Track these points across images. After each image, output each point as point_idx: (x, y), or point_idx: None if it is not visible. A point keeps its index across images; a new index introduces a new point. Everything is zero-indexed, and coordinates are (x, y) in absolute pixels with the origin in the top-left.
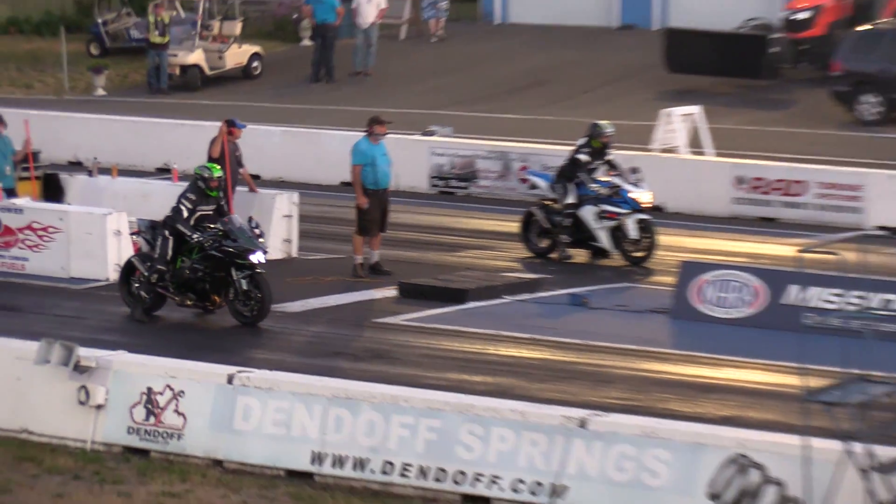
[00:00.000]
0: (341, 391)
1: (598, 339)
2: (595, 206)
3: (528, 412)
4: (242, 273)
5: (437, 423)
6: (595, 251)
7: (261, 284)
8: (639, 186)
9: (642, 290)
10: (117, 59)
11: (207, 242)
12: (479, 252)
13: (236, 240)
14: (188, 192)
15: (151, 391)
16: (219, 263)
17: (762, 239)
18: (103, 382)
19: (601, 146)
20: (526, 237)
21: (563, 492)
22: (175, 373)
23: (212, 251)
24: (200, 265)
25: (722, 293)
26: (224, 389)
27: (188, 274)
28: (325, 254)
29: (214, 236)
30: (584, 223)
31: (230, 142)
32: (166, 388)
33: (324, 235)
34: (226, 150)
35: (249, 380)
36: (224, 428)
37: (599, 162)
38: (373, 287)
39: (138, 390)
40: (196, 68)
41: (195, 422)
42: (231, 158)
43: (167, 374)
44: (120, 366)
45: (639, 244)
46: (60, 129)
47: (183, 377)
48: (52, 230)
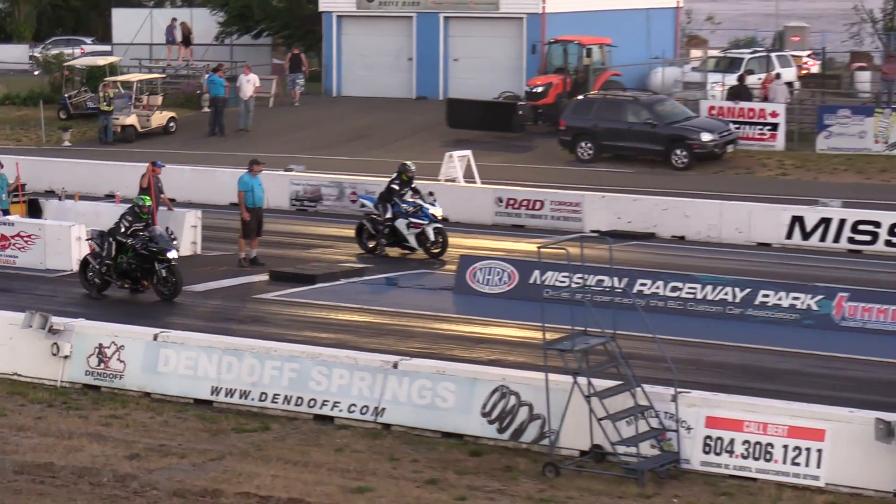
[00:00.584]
0: (231, 344)
1: (406, 307)
2: (405, 219)
3: (359, 358)
4: (162, 265)
5: (297, 366)
6: (407, 249)
7: (175, 272)
8: (434, 205)
9: (437, 275)
10: (78, 121)
11: (138, 245)
12: (324, 249)
13: (158, 243)
14: (127, 214)
15: (102, 346)
16: (146, 259)
17: (515, 240)
18: (69, 340)
19: (408, 178)
20: (359, 240)
21: (383, 412)
22: (118, 333)
23: (141, 251)
24: (134, 260)
25: (488, 276)
26: (151, 344)
27: (126, 266)
28: (219, 251)
29: (143, 241)
30: (399, 231)
31: (154, 176)
32: (112, 344)
33: (218, 239)
34: (151, 182)
35: (168, 338)
36: (151, 371)
37: (407, 189)
38: (252, 274)
39: (93, 345)
40: (132, 127)
41: (131, 367)
42: (155, 188)
43: (112, 334)
44: (80, 329)
45: (436, 244)
46: (40, 169)
47: (123, 336)
48: (34, 237)
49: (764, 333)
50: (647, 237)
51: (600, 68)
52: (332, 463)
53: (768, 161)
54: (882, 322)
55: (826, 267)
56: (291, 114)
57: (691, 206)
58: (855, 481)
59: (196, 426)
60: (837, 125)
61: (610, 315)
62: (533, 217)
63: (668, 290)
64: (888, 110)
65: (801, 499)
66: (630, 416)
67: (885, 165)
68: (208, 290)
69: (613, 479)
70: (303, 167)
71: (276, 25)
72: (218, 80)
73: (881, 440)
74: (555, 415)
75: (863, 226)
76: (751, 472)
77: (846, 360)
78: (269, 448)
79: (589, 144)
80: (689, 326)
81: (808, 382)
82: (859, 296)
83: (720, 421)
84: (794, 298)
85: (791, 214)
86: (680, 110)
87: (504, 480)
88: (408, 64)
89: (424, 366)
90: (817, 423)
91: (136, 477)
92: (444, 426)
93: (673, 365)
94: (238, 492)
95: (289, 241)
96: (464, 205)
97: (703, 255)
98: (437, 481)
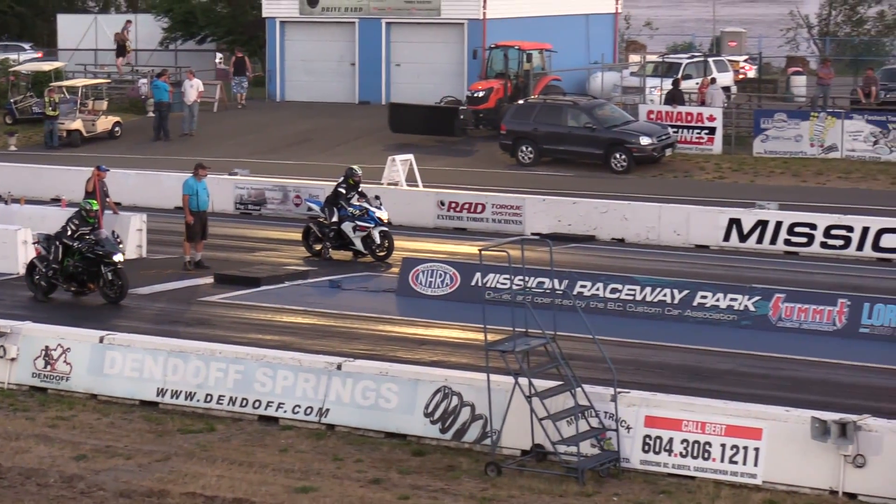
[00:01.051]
0: (176, 347)
1: (349, 309)
2: (352, 223)
3: (303, 359)
4: (108, 268)
5: (242, 368)
6: (354, 253)
7: (121, 275)
8: (380, 209)
9: (380, 277)
10: (24, 126)
11: (84, 248)
12: (268, 252)
13: (104, 246)
14: (74, 218)
15: (48, 348)
16: (92, 262)
17: (457, 242)
18: (15, 342)
19: (355, 182)
20: (305, 243)
21: (327, 413)
22: (64, 335)
23: (87, 254)
24: (80, 263)
25: (430, 278)
26: (97, 347)
27: (72, 269)
28: (165, 255)
29: (89, 244)
30: (345, 234)
31: (99, 180)
32: (58, 346)
33: (164, 242)
34: (96, 186)
35: (114, 340)
36: (97, 372)
37: (354, 193)
38: (197, 277)
39: (39, 347)
40: (77, 132)
41: (78, 368)
42: (100, 192)
43: (59, 337)
44: (27, 331)
45: (381, 247)
46: None
47: (69, 338)
48: None
49: (702, 334)
50: (587, 240)
51: (540, 73)
52: (276, 463)
53: (706, 164)
54: (818, 322)
55: (763, 268)
56: (235, 118)
57: (630, 209)
58: (791, 479)
59: (142, 427)
60: (774, 129)
61: (550, 316)
62: (474, 220)
63: (607, 292)
64: (823, 114)
65: (738, 496)
66: (570, 416)
67: (820, 168)
68: (154, 293)
69: (554, 478)
70: (247, 171)
71: (220, 31)
72: (162, 85)
73: (817, 439)
74: (496, 415)
75: (799, 228)
76: (689, 470)
77: (783, 360)
78: (214, 449)
79: (529, 148)
80: (629, 327)
81: (745, 382)
82: (795, 297)
83: (659, 420)
84: (732, 299)
85: (728, 217)
86: (619, 115)
87: (447, 480)
88: (350, 69)
89: (368, 367)
90: (754, 423)
91: (82, 478)
92: (387, 426)
93: (612, 365)
94: (184, 492)
95: (233, 245)
96: (406, 208)
97: (642, 258)
98: (381, 481)
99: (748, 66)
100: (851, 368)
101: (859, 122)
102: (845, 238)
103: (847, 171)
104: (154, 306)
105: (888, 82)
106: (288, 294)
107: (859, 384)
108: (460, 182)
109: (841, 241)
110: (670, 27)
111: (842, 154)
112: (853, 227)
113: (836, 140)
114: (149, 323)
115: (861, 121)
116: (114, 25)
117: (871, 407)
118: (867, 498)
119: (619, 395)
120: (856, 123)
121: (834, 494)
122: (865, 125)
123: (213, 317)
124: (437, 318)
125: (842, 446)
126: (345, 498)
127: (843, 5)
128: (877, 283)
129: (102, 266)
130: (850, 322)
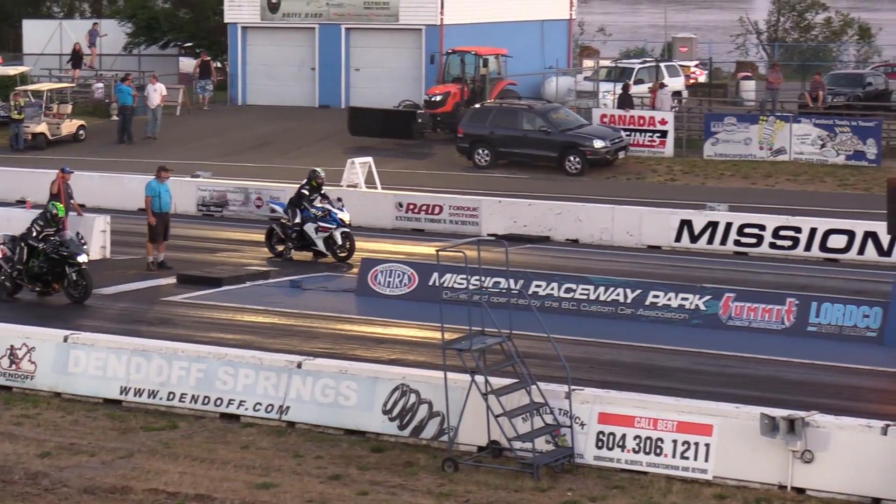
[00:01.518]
0: (140, 346)
1: (309, 309)
2: (314, 224)
3: (264, 358)
4: (73, 269)
5: (203, 366)
6: (316, 253)
7: (85, 276)
8: (342, 210)
9: (339, 277)
10: None
11: (49, 249)
12: (230, 253)
13: (68, 247)
14: (39, 219)
15: (13, 347)
16: (57, 263)
17: (415, 243)
18: None
19: (317, 184)
20: (268, 244)
21: (287, 410)
22: (29, 335)
23: (52, 255)
24: (45, 264)
25: (389, 278)
26: (61, 346)
27: (37, 270)
28: (128, 255)
29: (54, 245)
30: (307, 235)
31: (64, 182)
32: (23, 346)
33: (127, 243)
34: (61, 188)
35: (78, 339)
36: (62, 371)
37: (317, 195)
38: (160, 277)
39: (4, 347)
40: (42, 135)
41: (42, 367)
42: (65, 193)
43: (24, 336)
44: None
45: (343, 248)
46: None
47: (34, 338)
48: None
49: (654, 332)
50: (542, 240)
51: (496, 78)
52: (238, 460)
53: (658, 167)
54: (767, 321)
55: (713, 269)
56: (198, 122)
57: (584, 211)
58: (741, 474)
59: (106, 425)
60: (724, 132)
61: (506, 316)
62: (432, 221)
63: (562, 292)
64: (772, 118)
65: (689, 491)
66: (526, 413)
67: (769, 171)
68: (117, 293)
69: (510, 473)
70: (209, 173)
71: (183, 36)
72: (126, 89)
73: (766, 435)
74: (453, 412)
75: (748, 229)
76: (642, 465)
77: (733, 357)
78: (176, 446)
79: (486, 151)
80: (583, 326)
81: (696, 379)
82: (745, 296)
83: (612, 417)
84: (683, 299)
85: (680, 218)
86: (573, 118)
87: (405, 476)
88: (311, 73)
89: (327, 365)
90: (705, 419)
91: (47, 475)
92: (346, 423)
93: (567, 363)
94: (147, 488)
95: (195, 245)
96: (365, 209)
97: (595, 258)
98: (340, 477)
99: (699, 71)
100: (799, 366)
101: (807, 125)
102: (793, 239)
103: (795, 174)
104: (117, 306)
105: (835, 87)
106: (249, 294)
107: (807, 381)
108: (418, 184)
109: (789, 241)
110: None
111: (790, 157)
112: (801, 228)
113: (785, 143)
114: (112, 322)
115: (809, 124)
116: (78, 30)
117: (818, 403)
118: (815, 492)
119: (574, 393)
120: (803, 127)
121: (783, 489)
122: (813, 129)
123: (176, 316)
124: (395, 318)
125: (790, 442)
126: (305, 494)
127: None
128: (824, 282)
129: (67, 267)
130: (798, 321)
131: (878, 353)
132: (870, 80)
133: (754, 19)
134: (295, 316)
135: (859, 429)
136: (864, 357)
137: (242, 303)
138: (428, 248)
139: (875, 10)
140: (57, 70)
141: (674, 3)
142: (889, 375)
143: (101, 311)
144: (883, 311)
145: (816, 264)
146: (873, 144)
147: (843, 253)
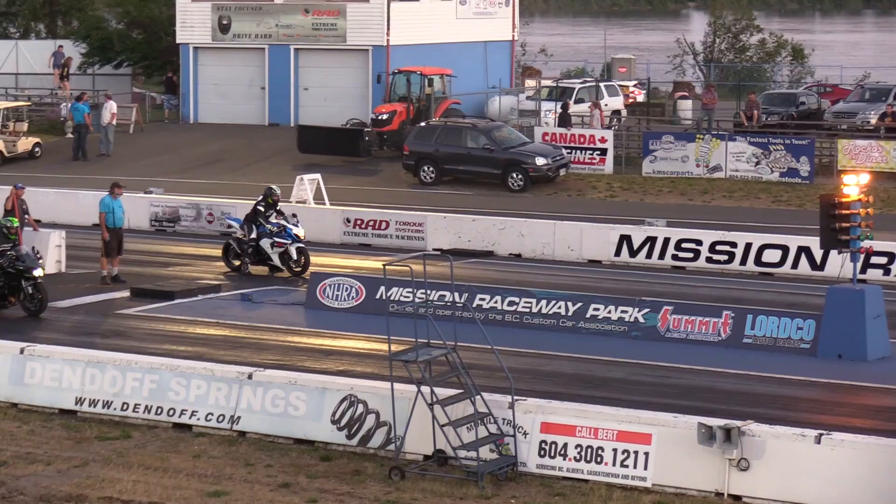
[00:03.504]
0: (94, 357)
1: (259, 322)
2: (270, 239)
3: (215, 369)
4: (28, 282)
5: (156, 377)
6: (271, 268)
7: (41, 289)
8: (297, 226)
9: (290, 290)
10: None
11: (5, 263)
12: (182, 267)
13: (24, 261)
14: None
15: None
16: (13, 277)
17: (362, 258)
18: None
19: (273, 201)
20: (225, 258)
21: (238, 420)
22: None
23: (8, 269)
24: (1, 278)
25: (337, 291)
26: (17, 357)
27: None
28: (83, 269)
29: (10, 259)
30: (263, 250)
31: (18, 198)
32: None
33: (82, 258)
34: (15, 204)
35: (34, 351)
36: (18, 382)
37: (272, 211)
38: (114, 290)
39: None
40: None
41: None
42: (20, 209)
43: None
44: None
45: (298, 263)
46: None
47: None
48: None
49: (594, 344)
50: (486, 255)
51: (441, 97)
52: (190, 468)
53: (598, 184)
54: (703, 333)
55: (652, 282)
56: (150, 139)
57: (527, 226)
58: (679, 482)
59: (61, 435)
60: (661, 150)
61: (451, 328)
62: (379, 236)
63: (505, 305)
64: (708, 136)
65: (629, 498)
66: (470, 423)
67: (705, 187)
68: (72, 306)
69: (455, 481)
70: (161, 190)
71: (136, 56)
72: (81, 107)
73: (703, 443)
74: (400, 422)
75: (686, 244)
76: (583, 473)
77: (671, 368)
78: (130, 455)
79: (431, 168)
80: (525, 338)
81: (635, 390)
82: (682, 309)
83: (554, 426)
84: (623, 311)
85: (619, 233)
86: (516, 136)
87: (352, 483)
88: (260, 92)
89: (277, 376)
90: (644, 428)
91: (3, 483)
92: (296, 433)
93: (510, 374)
94: (101, 496)
95: (148, 260)
96: (314, 225)
97: (538, 272)
98: (290, 485)
99: (637, 90)
100: (735, 377)
101: (742, 143)
102: (729, 253)
103: (731, 191)
104: (72, 319)
105: (769, 106)
106: (201, 307)
107: (743, 391)
108: (365, 200)
109: (725, 256)
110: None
111: (726, 174)
112: (737, 243)
113: (721, 161)
114: (67, 335)
115: (744, 143)
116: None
117: (754, 413)
118: (751, 500)
119: (517, 403)
120: (739, 145)
121: (720, 496)
122: (748, 147)
123: (129, 329)
124: (343, 330)
125: (727, 450)
126: (255, 501)
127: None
128: (759, 295)
129: (23, 280)
130: (734, 333)
131: (811, 364)
132: (803, 100)
133: (691, 41)
134: (246, 328)
135: (793, 437)
136: (798, 368)
137: (194, 316)
138: (375, 263)
139: (808, 32)
140: (13, 89)
141: (613, 24)
142: (822, 386)
143: (57, 324)
144: (816, 323)
145: (752, 278)
146: (806, 162)
147: (778, 267)
